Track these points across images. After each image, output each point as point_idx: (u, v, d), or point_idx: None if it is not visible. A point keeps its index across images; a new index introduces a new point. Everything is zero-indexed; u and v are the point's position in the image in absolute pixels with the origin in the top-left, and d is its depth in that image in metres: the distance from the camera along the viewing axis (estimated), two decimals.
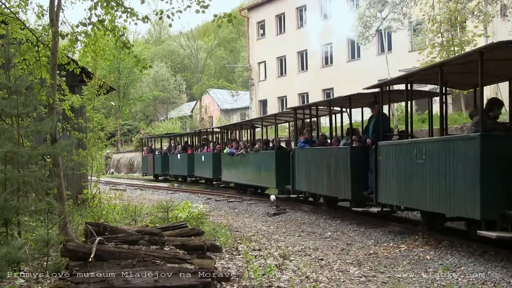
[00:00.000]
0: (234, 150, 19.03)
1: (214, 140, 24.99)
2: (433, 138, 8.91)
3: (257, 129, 22.04)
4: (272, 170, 15.43)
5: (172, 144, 31.09)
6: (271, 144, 17.08)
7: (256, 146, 17.73)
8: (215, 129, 25.14)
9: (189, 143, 28.50)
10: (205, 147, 24.54)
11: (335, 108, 13.60)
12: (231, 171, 19.83)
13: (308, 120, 17.98)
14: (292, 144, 17.09)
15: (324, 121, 21.74)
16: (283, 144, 18.75)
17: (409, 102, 9.92)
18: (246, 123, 21.51)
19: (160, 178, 30.94)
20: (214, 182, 22.85)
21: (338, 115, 14.53)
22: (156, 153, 31.52)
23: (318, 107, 13.97)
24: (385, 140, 10.01)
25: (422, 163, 8.39)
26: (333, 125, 13.55)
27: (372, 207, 10.31)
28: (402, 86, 10.04)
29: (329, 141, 13.51)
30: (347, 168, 11.02)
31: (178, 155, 27.39)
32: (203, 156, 23.49)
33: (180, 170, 27.32)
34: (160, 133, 37.50)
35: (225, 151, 20.43)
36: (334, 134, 13.57)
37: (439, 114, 8.90)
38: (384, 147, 9.90)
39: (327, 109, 13.70)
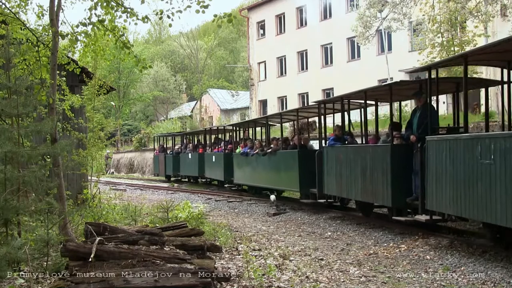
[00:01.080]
0: (248, 150, 17.44)
1: (226, 139, 23.32)
2: (507, 132, 7.67)
3: (256, 129, 21.59)
4: (295, 172, 13.81)
5: (184, 143, 29.27)
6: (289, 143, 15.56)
7: (273, 145, 15.93)
8: (227, 127, 23.43)
9: (201, 141, 26.79)
10: (217, 147, 22.98)
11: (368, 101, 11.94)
12: (245, 173, 18.19)
13: (310, 119, 17.86)
14: (312, 142, 15.62)
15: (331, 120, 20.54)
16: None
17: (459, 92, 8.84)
18: (261, 120, 19.43)
19: (172, 179, 29.06)
20: (226, 185, 20.84)
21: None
22: (168, 152, 29.68)
23: (350, 100, 12.03)
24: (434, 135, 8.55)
25: (490, 164, 6.83)
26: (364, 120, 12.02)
27: (418, 215, 8.86)
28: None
29: (359, 140, 12.41)
30: (387, 170, 9.55)
31: (189, 154, 25.56)
32: (213, 156, 21.84)
33: (191, 171, 25.59)
34: (172, 131, 35.87)
35: (237, 150, 18.96)
36: (367, 130, 12.11)
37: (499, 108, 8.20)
38: (434, 143, 8.37)
39: (357, 102, 12.28)
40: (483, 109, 21.17)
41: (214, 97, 52.13)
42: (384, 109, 20.86)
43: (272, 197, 14.45)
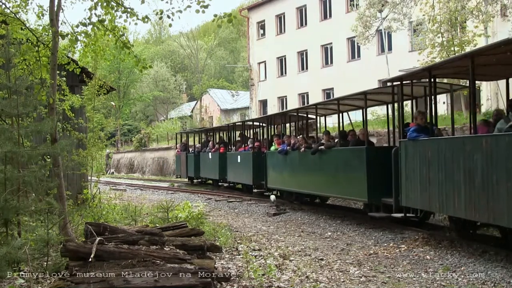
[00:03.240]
0: (288, 148, 14.42)
1: (251, 136, 20.45)
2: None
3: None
4: (360, 175, 10.56)
5: (204, 140, 25.88)
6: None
7: (324, 140, 12.66)
8: (255, 122, 20.03)
9: (223, 139, 23.87)
10: (242, 145, 19.48)
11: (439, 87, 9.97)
12: (283, 175, 15.09)
13: (309, 120, 17.68)
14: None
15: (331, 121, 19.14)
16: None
17: None
18: (299, 112, 15.91)
19: (194, 181, 25.92)
20: (255, 190, 17.50)
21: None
22: (190, 150, 26.65)
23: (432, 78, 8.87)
24: None
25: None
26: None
27: None
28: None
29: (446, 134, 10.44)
30: None
31: (209, 154, 22.47)
32: (239, 157, 18.68)
33: (211, 173, 22.60)
34: (195, 127, 33.32)
35: (272, 148, 15.94)
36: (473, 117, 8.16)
37: None
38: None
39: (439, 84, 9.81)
40: (483, 109, 21.23)
41: (214, 97, 52.14)
42: (384, 109, 20.85)
43: (272, 197, 14.45)
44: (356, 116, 16.87)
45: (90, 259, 5.44)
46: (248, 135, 20.78)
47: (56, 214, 6.64)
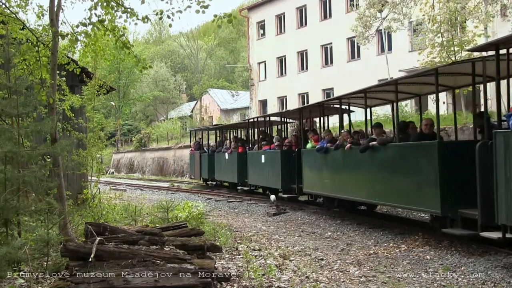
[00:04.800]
0: (328, 144, 12.04)
1: (274, 132, 18.37)
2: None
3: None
4: (431, 178, 8.17)
5: (220, 138, 23.71)
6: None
7: (375, 134, 10.34)
8: (271, 118, 17.85)
9: (237, 137, 21.48)
10: (265, 144, 16.72)
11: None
12: (322, 178, 12.56)
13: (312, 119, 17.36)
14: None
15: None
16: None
17: None
18: (334, 102, 13.15)
19: (209, 183, 23.73)
20: (285, 195, 14.95)
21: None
22: (205, 149, 24.07)
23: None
24: None
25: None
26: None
27: None
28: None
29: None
30: None
31: (225, 154, 19.97)
32: (263, 156, 16.20)
33: (228, 175, 20.13)
34: (208, 125, 31.26)
35: (308, 146, 13.48)
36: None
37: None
38: None
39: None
40: (483, 109, 21.21)
41: (214, 97, 52.17)
42: (384, 108, 20.86)
43: (272, 197, 14.44)
44: (356, 116, 16.80)
45: (90, 259, 5.44)
46: (270, 132, 18.57)
47: (56, 214, 6.65)
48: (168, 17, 7.81)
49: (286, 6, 35.93)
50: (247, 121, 20.21)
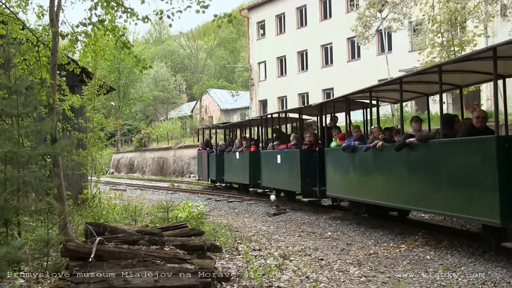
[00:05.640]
0: (355, 143, 10.77)
1: (287, 130, 17.20)
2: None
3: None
4: (488, 181, 6.91)
5: (229, 137, 22.43)
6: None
7: (412, 129, 9.22)
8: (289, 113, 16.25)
9: (244, 136, 20.34)
10: (277, 143, 15.79)
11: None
12: (348, 180, 11.30)
13: (309, 120, 17.42)
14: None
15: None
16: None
17: None
18: (362, 95, 11.59)
19: (217, 185, 22.55)
20: (305, 199, 13.54)
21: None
22: (213, 149, 22.69)
23: None
24: None
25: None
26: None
27: None
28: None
29: None
30: None
31: (236, 154, 18.70)
32: (279, 156, 14.94)
33: (239, 176, 18.84)
34: (218, 123, 29.73)
35: (332, 144, 12.26)
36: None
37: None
38: None
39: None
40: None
41: (214, 97, 52.19)
42: (384, 109, 20.86)
43: (272, 197, 14.42)
44: (356, 116, 16.82)
45: (90, 259, 5.44)
46: (285, 130, 17.40)
47: (56, 214, 6.65)
48: (168, 17, 7.81)
49: (286, 6, 35.94)
50: (260, 118, 18.41)
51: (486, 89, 21.95)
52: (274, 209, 13.84)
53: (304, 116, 16.56)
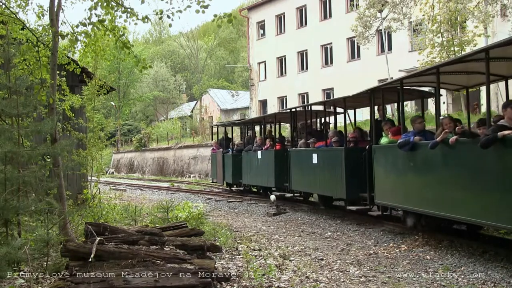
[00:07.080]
0: (415, 138, 8.48)
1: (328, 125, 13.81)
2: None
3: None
4: None
5: (248, 135, 19.60)
6: None
7: (504, 121, 6.76)
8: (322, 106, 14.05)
9: (262, 133, 18.16)
10: (313, 141, 13.15)
11: None
12: (405, 185, 8.91)
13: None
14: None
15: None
16: None
17: None
18: (423, 80, 9.52)
19: (233, 189, 19.70)
20: (351, 207, 11.01)
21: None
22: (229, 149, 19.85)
23: None
24: None
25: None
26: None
27: None
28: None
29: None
30: None
31: (258, 153, 16.36)
32: (315, 156, 12.46)
33: (261, 178, 16.33)
34: (235, 119, 26.99)
35: (383, 141, 9.86)
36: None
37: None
38: None
39: None
40: (483, 109, 21.23)
41: (214, 97, 52.19)
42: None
43: (272, 197, 14.42)
44: (355, 116, 16.76)
45: (90, 259, 5.44)
46: (315, 126, 15.40)
47: (56, 214, 6.65)
48: (168, 17, 7.81)
49: (286, 6, 35.95)
50: (289, 110, 15.22)
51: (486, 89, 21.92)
52: (274, 209, 13.84)
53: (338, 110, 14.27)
